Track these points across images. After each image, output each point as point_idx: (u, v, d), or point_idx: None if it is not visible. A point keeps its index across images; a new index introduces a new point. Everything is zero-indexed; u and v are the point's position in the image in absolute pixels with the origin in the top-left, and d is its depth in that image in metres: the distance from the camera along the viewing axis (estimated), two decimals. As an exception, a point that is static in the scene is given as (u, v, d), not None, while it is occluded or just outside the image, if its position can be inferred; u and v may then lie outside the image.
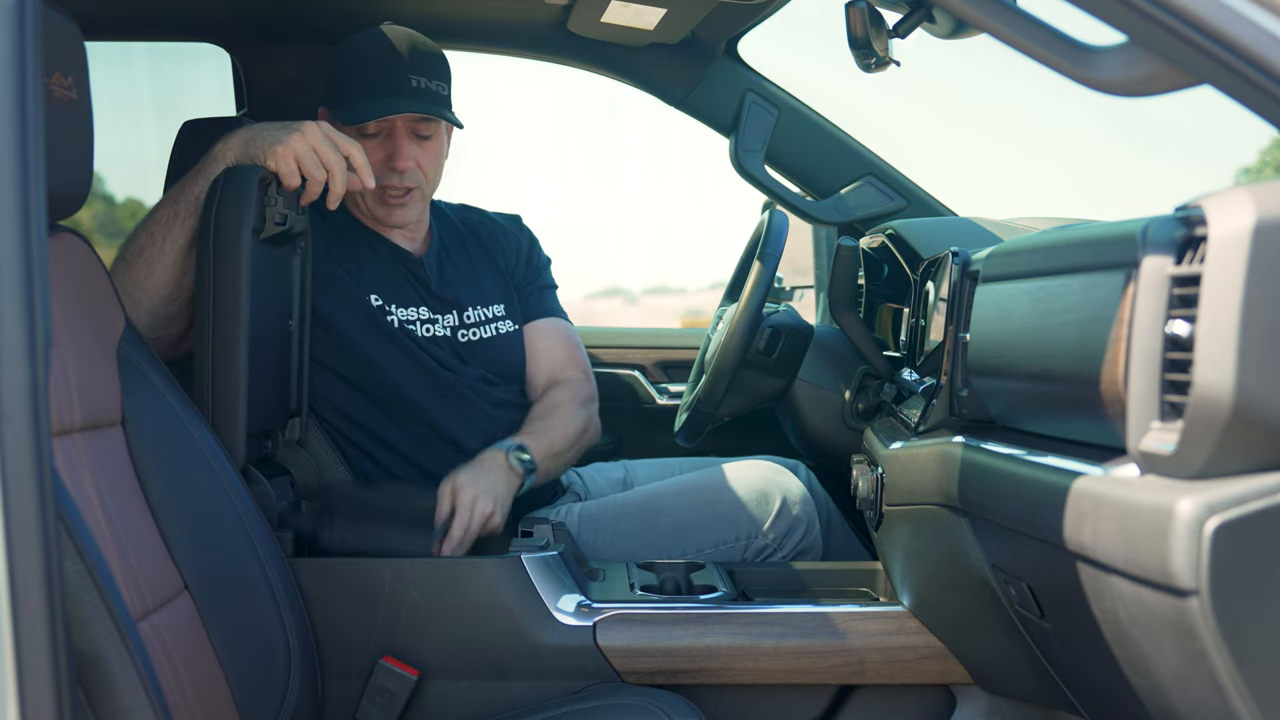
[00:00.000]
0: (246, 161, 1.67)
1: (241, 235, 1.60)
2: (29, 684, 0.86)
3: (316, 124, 1.70)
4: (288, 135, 1.67)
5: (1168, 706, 1.03)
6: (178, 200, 1.68)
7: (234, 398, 1.61)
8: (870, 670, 1.67)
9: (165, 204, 1.69)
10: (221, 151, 1.69)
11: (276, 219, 1.66)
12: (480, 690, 1.64)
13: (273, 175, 1.66)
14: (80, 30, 1.27)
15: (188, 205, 1.67)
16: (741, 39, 2.33)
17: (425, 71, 1.98)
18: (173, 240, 1.67)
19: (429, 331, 2.02)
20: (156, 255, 1.67)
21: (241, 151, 1.68)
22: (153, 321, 1.69)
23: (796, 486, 2.01)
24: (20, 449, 0.85)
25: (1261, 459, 0.90)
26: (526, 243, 2.24)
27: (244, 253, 1.60)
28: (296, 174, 1.67)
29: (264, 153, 1.66)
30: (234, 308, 1.61)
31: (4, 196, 0.85)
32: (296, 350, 1.85)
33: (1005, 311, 1.27)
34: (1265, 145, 19.57)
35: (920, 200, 2.33)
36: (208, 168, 1.68)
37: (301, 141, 1.66)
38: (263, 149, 1.67)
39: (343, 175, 1.70)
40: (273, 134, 1.68)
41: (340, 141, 1.70)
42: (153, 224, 1.69)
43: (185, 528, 1.41)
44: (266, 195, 1.65)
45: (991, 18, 1.04)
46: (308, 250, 1.84)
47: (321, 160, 1.68)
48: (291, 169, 1.66)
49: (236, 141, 1.69)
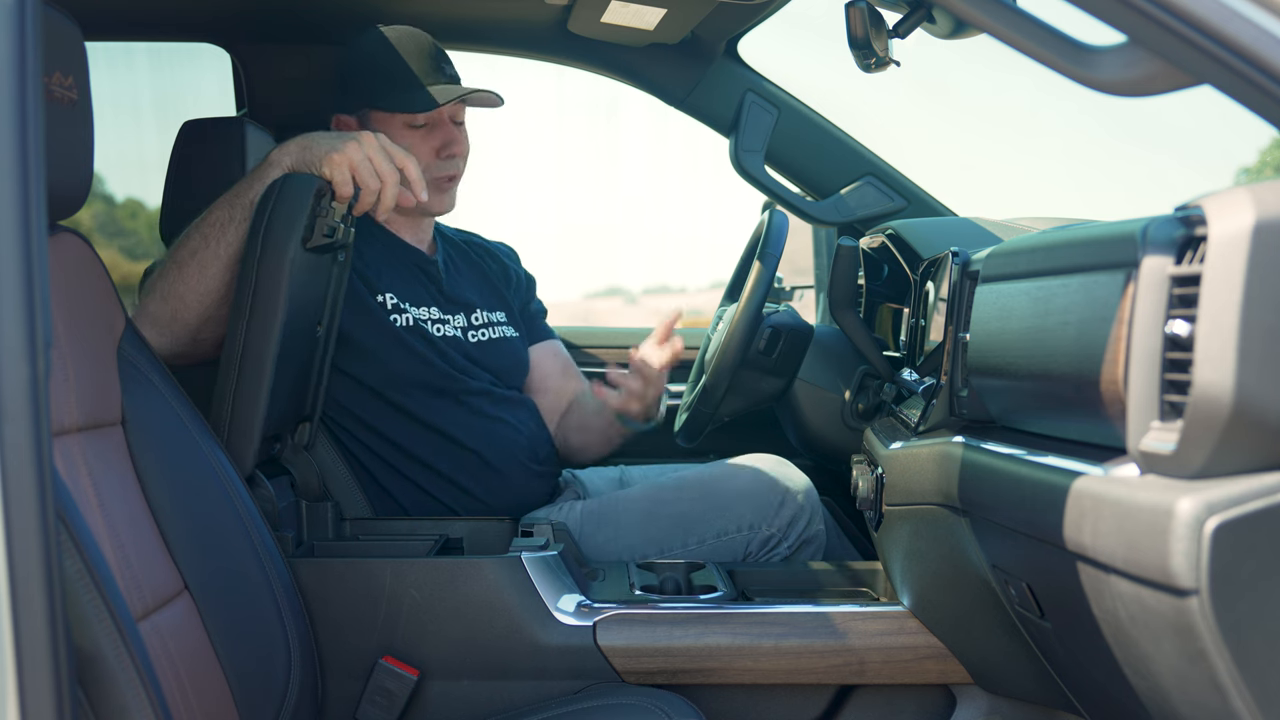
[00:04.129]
0: (302, 169, 1.67)
1: (290, 243, 1.59)
2: (29, 683, 0.86)
3: (374, 134, 1.70)
4: (344, 144, 1.67)
5: (1168, 706, 1.03)
6: (233, 204, 1.67)
7: (255, 402, 1.61)
8: (870, 670, 1.67)
9: (220, 207, 1.69)
10: (278, 157, 1.68)
11: (326, 230, 1.65)
12: (480, 690, 1.64)
13: (327, 185, 1.66)
14: (80, 30, 1.27)
15: (242, 209, 1.66)
16: (741, 39, 2.33)
17: (449, 64, 2.07)
18: (227, 243, 1.66)
19: (440, 331, 2.04)
20: (211, 258, 1.67)
21: (297, 158, 1.68)
22: (202, 324, 1.69)
23: (799, 477, 2.02)
24: (20, 449, 0.85)
25: (1261, 459, 0.90)
26: (524, 272, 2.33)
27: (289, 260, 1.60)
28: (350, 183, 1.66)
29: (320, 160, 1.66)
30: (271, 313, 1.60)
31: (4, 196, 0.85)
32: (319, 357, 1.85)
33: (1005, 311, 1.27)
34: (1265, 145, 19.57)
35: (920, 200, 2.33)
36: (264, 173, 1.68)
37: (358, 150, 1.66)
38: (319, 156, 1.66)
39: (395, 187, 1.69)
40: (329, 142, 1.68)
41: (395, 154, 1.70)
42: (207, 226, 1.68)
43: (185, 528, 1.41)
44: (319, 205, 1.64)
45: (991, 18, 1.04)
46: (347, 261, 1.84)
47: (376, 170, 1.67)
48: (346, 178, 1.66)
49: (293, 148, 1.69)
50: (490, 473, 2.03)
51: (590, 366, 2.57)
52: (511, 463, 2.05)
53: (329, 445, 1.98)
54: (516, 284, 2.29)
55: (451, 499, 2.01)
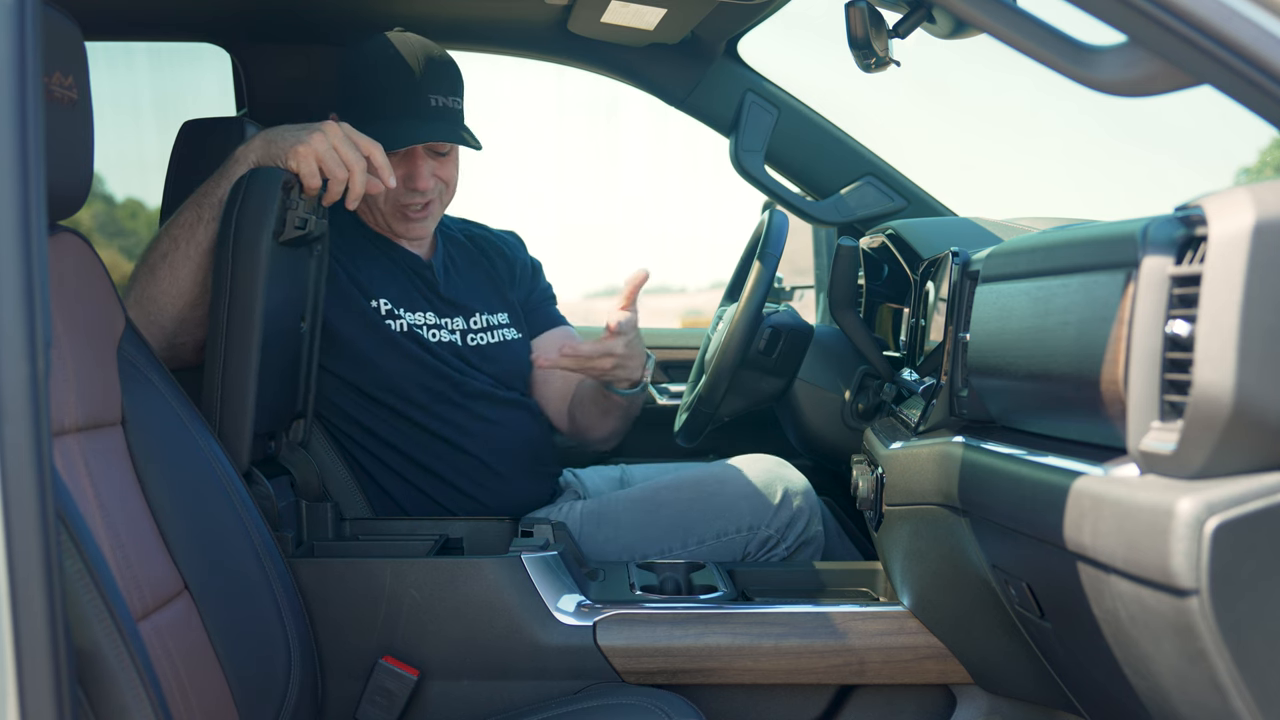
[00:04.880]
0: (268, 163, 1.67)
1: (261, 238, 1.59)
2: (29, 683, 0.86)
3: (337, 124, 1.70)
4: (308, 135, 1.67)
5: (1168, 706, 1.03)
6: (200, 203, 1.67)
7: (243, 399, 1.61)
8: (870, 670, 1.67)
9: (188, 207, 1.68)
10: (243, 154, 1.68)
11: (297, 223, 1.65)
12: (480, 690, 1.64)
13: (294, 178, 1.66)
14: (80, 30, 1.27)
15: (211, 208, 1.66)
16: (741, 39, 2.33)
17: (441, 87, 1.97)
18: (196, 243, 1.66)
19: (435, 336, 2.03)
20: (181, 259, 1.67)
21: (263, 153, 1.68)
22: (178, 328, 1.69)
23: (798, 479, 2.02)
24: (20, 449, 0.85)
25: (1261, 459, 0.90)
26: (529, 260, 2.30)
27: (263, 256, 1.60)
28: (318, 174, 1.67)
29: (285, 153, 1.66)
30: (249, 310, 1.60)
31: (4, 196, 0.85)
32: (306, 353, 1.85)
33: (1005, 311, 1.27)
34: (1265, 145, 19.57)
35: (920, 200, 2.33)
36: (230, 170, 1.67)
37: (322, 141, 1.66)
38: (284, 149, 1.66)
39: (363, 174, 1.69)
40: (294, 134, 1.67)
41: (360, 141, 1.70)
42: (176, 228, 1.68)
43: (185, 528, 1.41)
44: (288, 198, 1.64)
45: (991, 18, 1.04)
46: (324, 254, 1.84)
47: (342, 159, 1.67)
48: (312, 169, 1.66)
49: (258, 143, 1.69)
50: (491, 476, 2.03)
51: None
52: (512, 466, 2.05)
53: (328, 446, 1.97)
54: (521, 274, 2.26)
55: (452, 501, 2.01)
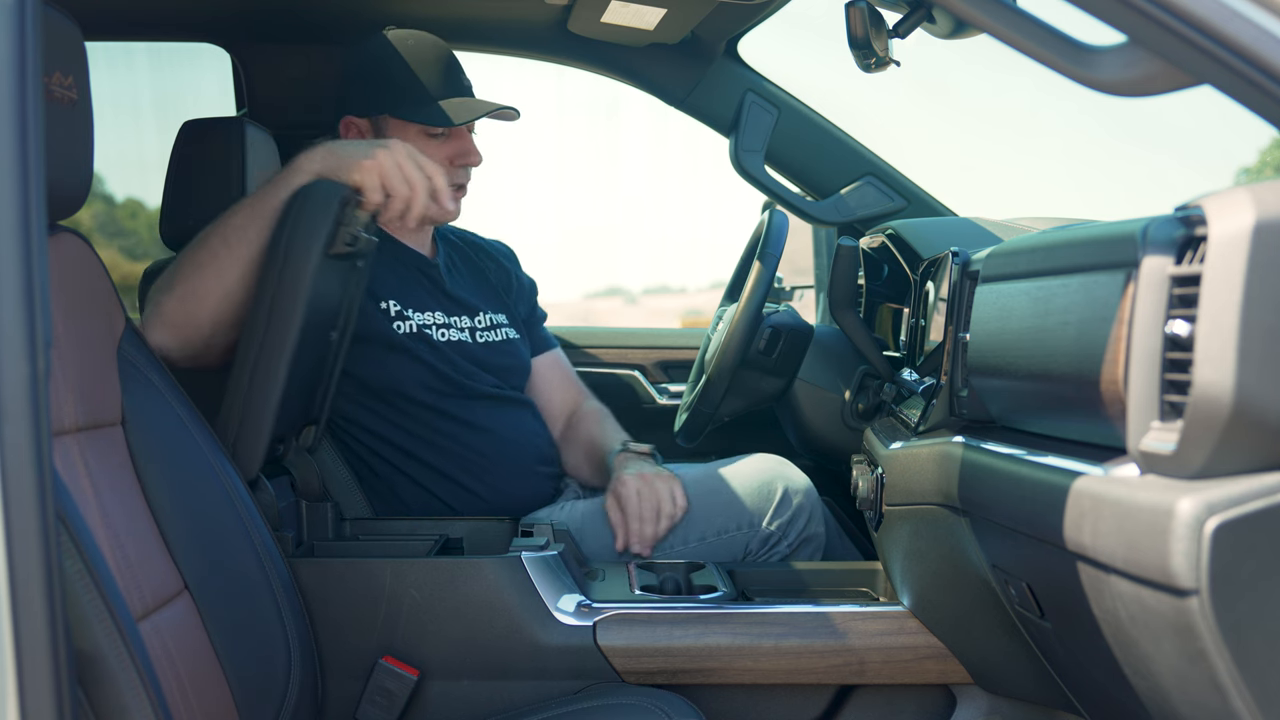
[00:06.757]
0: (329, 175, 1.65)
1: (313, 249, 1.58)
2: (29, 684, 0.86)
3: (401, 143, 1.69)
4: (375, 150, 1.66)
5: (1168, 706, 1.03)
6: (255, 208, 1.66)
7: (266, 406, 1.60)
8: (870, 670, 1.67)
9: (242, 210, 1.67)
10: (305, 163, 1.67)
11: (348, 239, 1.64)
12: (480, 690, 1.64)
13: (354, 193, 1.65)
14: (80, 30, 1.27)
15: (266, 214, 1.65)
16: (741, 39, 2.33)
17: (463, 70, 2.07)
18: (248, 245, 1.65)
19: (444, 336, 2.03)
20: (230, 261, 1.65)
21: (325, 164, 1.66)
22: (214, 328, 1.67)
23: (799, 477, 2.02)
24: (20, 449, 0.85)
25: (1261, 459, 0.90)
26: (526, 278, 2.32)
27: (312, 267, 1.58)
28: (380, 189, 1.66)
29: (350, 166, 1.65)
30: (289, 319, 1.59)
31: (4, 196, 0.85)
32: (331, 362, 1.84)
33: (1005, 311, 1.27)
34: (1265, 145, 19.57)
35: (920, 200, 2.33)
36: (290, 178, 1.66)
37: (388, 157, 1.65)
38: (348, 162, 1.65)
39: (425, 194, 1.68)
40: (359, 149, 1.67)
41: (424, 164, 1.69)
42: (228, 229, 1.66)
43: (185, 528, 1.40)
44: (344, 213, 1.63)
45: (991, 18, 1.04)
46: (366, 268, 1.83)
47: (406, 177, 1.66)
48: (376, 184, 1.65)
49: (320, 153, 1.68)
50: (496, 474, 2.03)
51: (590, 366, 2.57)
52: (517, 464, 2.05)
53: (329, 446, 1.97)
54: (518, 290, 2.28)
55: (456, 499, 2.01)
